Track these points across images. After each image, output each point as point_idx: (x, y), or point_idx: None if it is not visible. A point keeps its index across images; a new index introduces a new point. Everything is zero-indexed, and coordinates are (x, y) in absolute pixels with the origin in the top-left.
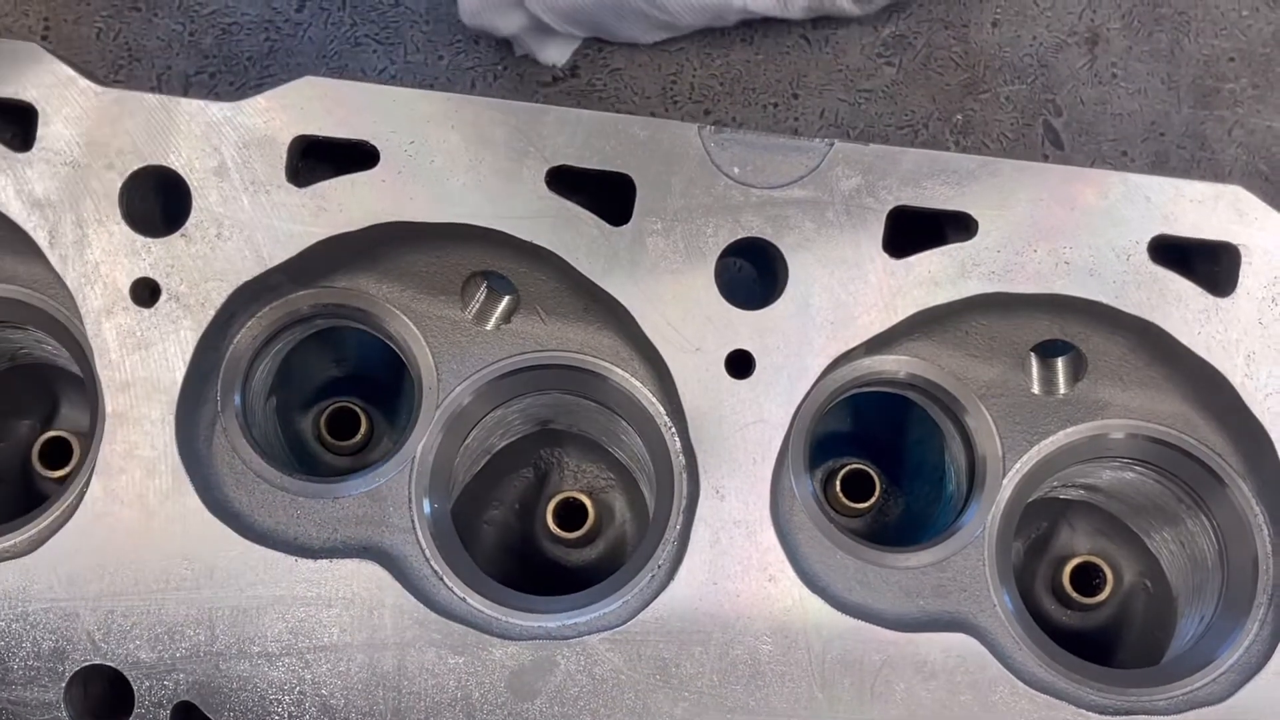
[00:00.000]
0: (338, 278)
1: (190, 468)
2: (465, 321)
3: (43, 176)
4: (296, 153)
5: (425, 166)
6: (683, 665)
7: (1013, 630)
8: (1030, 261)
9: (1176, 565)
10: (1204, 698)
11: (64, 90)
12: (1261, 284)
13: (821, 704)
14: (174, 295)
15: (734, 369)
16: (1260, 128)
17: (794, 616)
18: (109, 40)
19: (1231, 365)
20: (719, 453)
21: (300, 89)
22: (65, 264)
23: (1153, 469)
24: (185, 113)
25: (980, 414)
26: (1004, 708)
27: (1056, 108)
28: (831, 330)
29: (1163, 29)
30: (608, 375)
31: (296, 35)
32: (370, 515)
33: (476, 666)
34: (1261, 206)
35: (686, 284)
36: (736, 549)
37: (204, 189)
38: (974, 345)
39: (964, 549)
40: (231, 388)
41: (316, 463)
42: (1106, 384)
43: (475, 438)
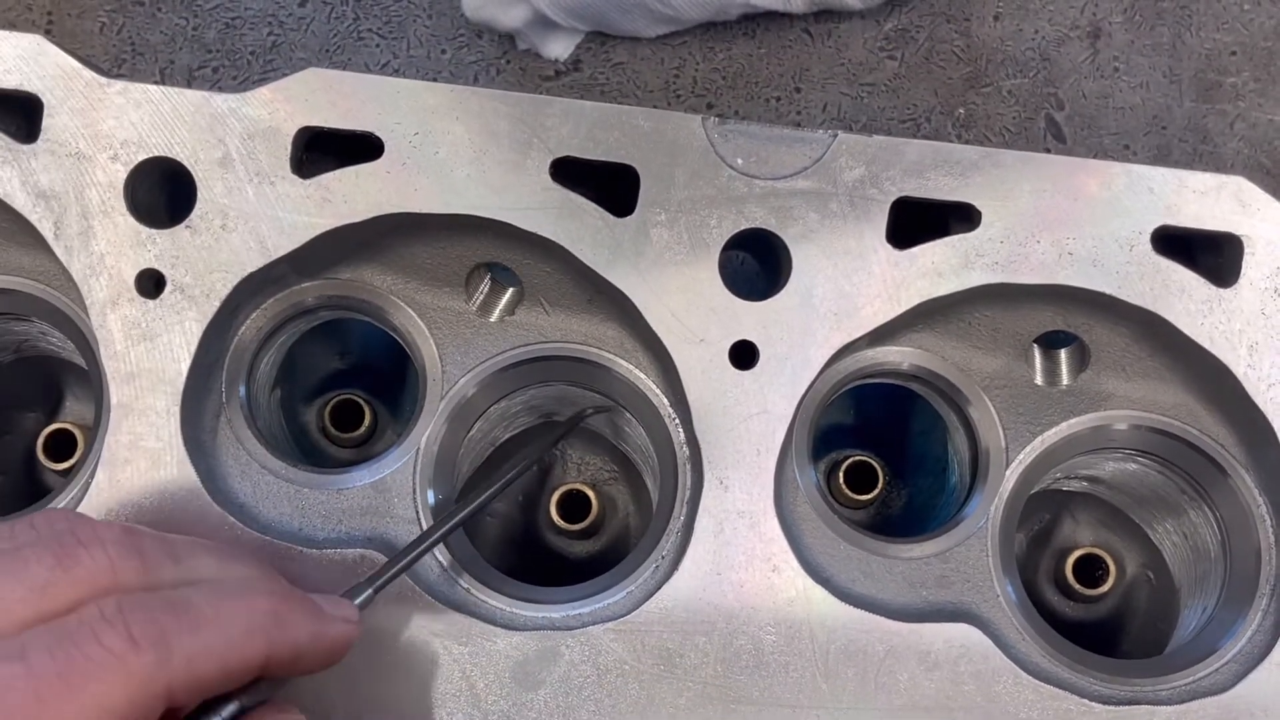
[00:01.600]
0: (342, 269)
1: (195, 459)
2: (469, 313)
3: (47, 168)
4: (301, 144)
5: (429, 158)
6: (686, 655)
7: (1016, 621)
8: (1033, 252)
9: (1179, 556)
10: (1206, 688)
11: (68, 82)
12: (1264, 275)
13: (825, 694)
14: (179, 287)
15: (738, 360)
16: (1262, 121)
17: (798, 607)
18: (112, 34)
19: (1235, 356)
20: (723, 444)
21: (304, 80)
22: (70, 255)
23: (1155, 460)
24: (190, 104)
25: (983, 405)
26: (1007, 698)
27: (1059, 101)
28: (835, 321)
29: (1164, 23)
30: (611, 367)
31: (300, 29)
32: (375, 506)
33: (481, 657)
34: (1264, 197)
35: (690, 275)
36: (740, 540)
37: (209, 180)
38: (977, 336)
39: (967, 540)
40: (236, 379)
41: (320, 454)
42: (1109, 375)
43: (479, 429)
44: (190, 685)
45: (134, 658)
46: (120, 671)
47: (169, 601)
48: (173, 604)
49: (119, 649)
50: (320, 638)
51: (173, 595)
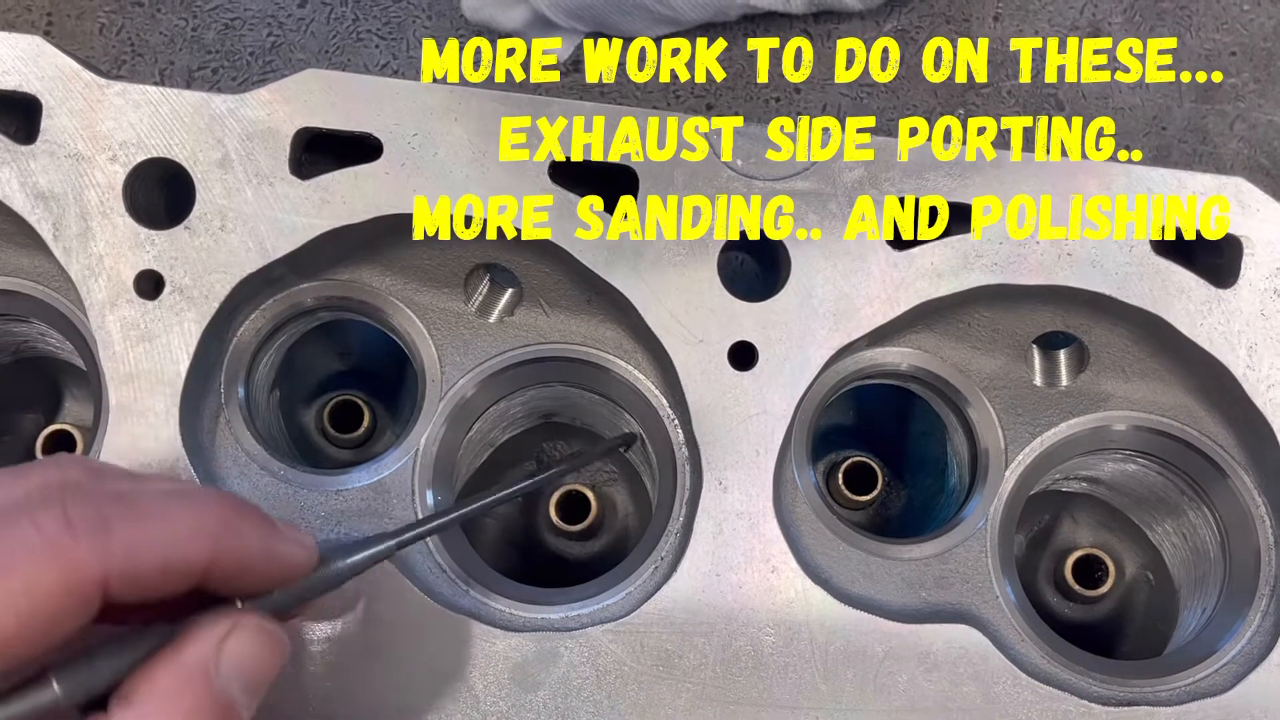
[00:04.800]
0: (341, 270)
1: (194, 460)
2: (468, 314)
3: (46, 169)
4: (300, 145)
5: (428, 159)
6: (686, 656)
7: (1015, 622)
8: (1032, 253)
9: (1179, 557)
10: (1206, 689)
11: (67, 83)
12: (1264, 275)
13: (824, 695)
14: (178, 287)
15: (737, 361)
16: (1262, 122)
17: (797, 608)
18: (111, 36)
19: (1234, 357)
20: (722, 445)
21: (303, 81)
22: (69, 256)
23: (1155, 461)
24: (189, 105)
25: (983, 406)
26: (1006, 699)
27: (1058, 102)
28: (834, 322)
29: (1164, 23)
30: (610, 367)
31: (299, 30)
32: (374, 507)
33: (480, 658)
34: (1264, 198)
35: (690, 276)
36: (739, 541)
37: (208, 181)
38: (976, 337)
39: (966, 541)
40: (235, 380)
41: (319, 456)
42: (1109, 376)
43: (478, 430)
44: (129, 578)
45: (69, 541)
46: (52, 555)
47: (114, 493)
48: (118, 495)
49: (53, 531)
50: (271, 556)
51: (119, 487)
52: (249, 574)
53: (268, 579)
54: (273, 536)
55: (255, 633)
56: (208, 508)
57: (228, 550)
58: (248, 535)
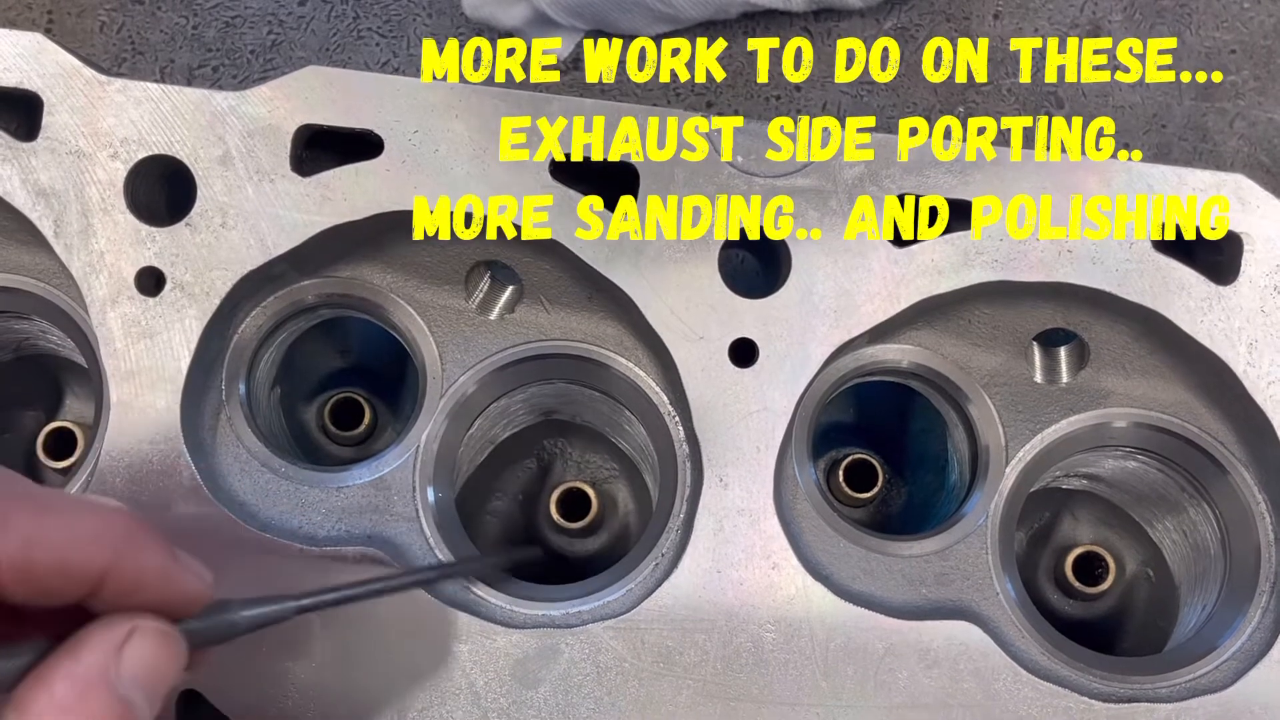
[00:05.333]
0: (342, 267)
1: (195, 457)
2: (469, 311)
3: (47, 166)
4: (300, 142)
5: (429, 156)
6: (686, 653)
7: (1015, 619)
8: (1033, 250)
9: (1179, 554)
10: (1206, 685)
11: (68, 80)
12: (1264, 272)
13: (825, 692)
14: (179, 284)
15: (737, 357)
16: (1262, 120)
17: (797, 605)
18: (112, 34)
19: (1234, 353)
20: (722, 441)
21: (304, 78)
22: (70, 253)
23: (1155, 458)
24: (190, 102)
25: (983, 403)
26: (1007, 695)
27: (1058, 100)
28: (835, 319)
29: (1164, 21)
30: (611, 364)
31: (300, 28)
32: (375, 504)
33: (481, 654)
34: (1264, 195)
35: (690, 273)
36: (740, 537)
37: (209, 178)
38: (977, 334)
39: (967, 538)
40: (236, 377)
41: (320, 453)
42: (1109, 373)
43: (479, 427)
44: (22, 573)
45: None
46: None
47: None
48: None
49: None
50: (167, 578)
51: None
52: (144, 592)
53: (161, 602)
54: (172, 560)
55: (155, 636)
56: (112, 517)
57: (127, 561)
58: (148, 551)
